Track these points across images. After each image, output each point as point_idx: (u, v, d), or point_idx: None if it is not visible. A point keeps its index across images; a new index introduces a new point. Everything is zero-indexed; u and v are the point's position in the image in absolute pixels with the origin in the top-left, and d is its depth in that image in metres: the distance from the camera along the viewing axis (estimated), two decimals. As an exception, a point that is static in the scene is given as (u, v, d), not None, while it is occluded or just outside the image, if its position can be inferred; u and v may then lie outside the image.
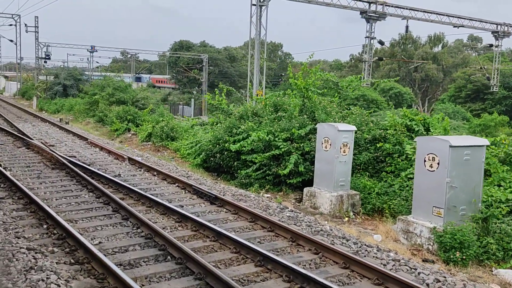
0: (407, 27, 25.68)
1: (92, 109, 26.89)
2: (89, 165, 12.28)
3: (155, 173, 11.47)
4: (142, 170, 12.07)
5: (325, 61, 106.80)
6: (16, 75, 64.30)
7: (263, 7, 18.84)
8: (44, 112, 34.64)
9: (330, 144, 9.46)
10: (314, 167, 10.89)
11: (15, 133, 18.10)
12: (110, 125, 22.92)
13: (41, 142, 15.93)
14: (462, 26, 25.29)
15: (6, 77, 77.88)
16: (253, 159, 11.79)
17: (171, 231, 7.14)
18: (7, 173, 10.58)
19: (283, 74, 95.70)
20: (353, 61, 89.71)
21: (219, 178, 13.36)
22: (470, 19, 25.83)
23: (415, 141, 8.00)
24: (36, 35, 43.13)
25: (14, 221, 7.29)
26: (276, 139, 11.29)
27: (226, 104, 14.69)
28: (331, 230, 7.26)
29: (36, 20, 43.35)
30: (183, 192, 9.82)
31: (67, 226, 6.80)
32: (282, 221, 7.67)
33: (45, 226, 7.13)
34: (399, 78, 73.89)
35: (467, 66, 72.83)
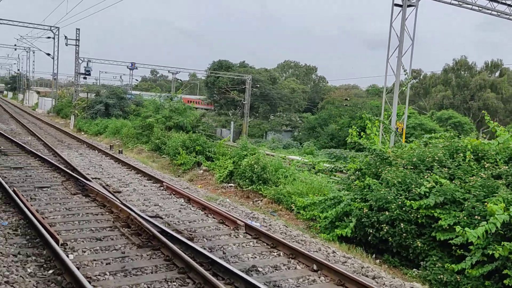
0: None
1: (145, 134, 22.61)
2: (191, 238, 7.69)
3: (314, 266, 6.74)
4: (280, 253, 7.37)
5: (355, 86, 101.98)
6: (50, 91, 61.60)
7: (409, 9, 14.11)
8: (83, 133, 30.71)
9: None
10: None
11: (62, 166, 13.79)
12: (172, 156, 18.50)
13: (102, 185, 11.50)
14: None
15: (38, 92, 75.53)
16: (478, 247, 6.98)
17: None
18: (69, 260, 6.08)
19: (324, 97, 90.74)
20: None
21: (378, 260, 8.58)
22: None
23: None
24: (77, 48, 39.74)
25: None
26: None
27: (377, 142, 9.96)
28: None
29: (78, 32, 40.07)
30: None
31: None
32: None
33: None
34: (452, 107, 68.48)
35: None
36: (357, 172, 10.10)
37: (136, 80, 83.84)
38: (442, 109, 68.68)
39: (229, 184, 14.98)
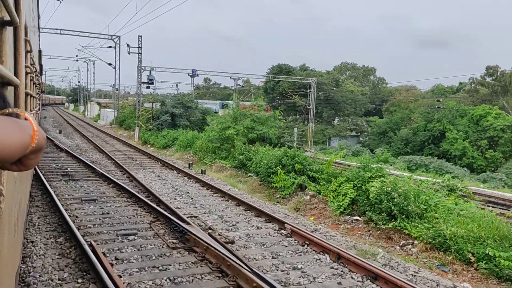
0: None
1: (224, 148, 19.56)
2: None
3: None
4: None
5: (413, 87, 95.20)
6: (111, 102, 61.09)
7: None
8: (149, 146, 28.37)
9: None
10: None
11: (143, 196, 10.85)
12: (262, 176, 15.18)
13: (203, 229, 8.32)
14: None
15: (99, 104, 75.88)
16: None
17: None
18: None
19: (387, 99, 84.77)
20: (473, 85, 77.64)
21: None
22: None
23: None
24: (139, 56, 37.84)
25: None
26: None
27: None
28: None
29: (140, 39, 38.21)
30: None
31: None
32: None
33: None
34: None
35: None
36: None
37: (198, 88, 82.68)
38: (526, 108, 61.65)
39: (354, 217, 11.41)
